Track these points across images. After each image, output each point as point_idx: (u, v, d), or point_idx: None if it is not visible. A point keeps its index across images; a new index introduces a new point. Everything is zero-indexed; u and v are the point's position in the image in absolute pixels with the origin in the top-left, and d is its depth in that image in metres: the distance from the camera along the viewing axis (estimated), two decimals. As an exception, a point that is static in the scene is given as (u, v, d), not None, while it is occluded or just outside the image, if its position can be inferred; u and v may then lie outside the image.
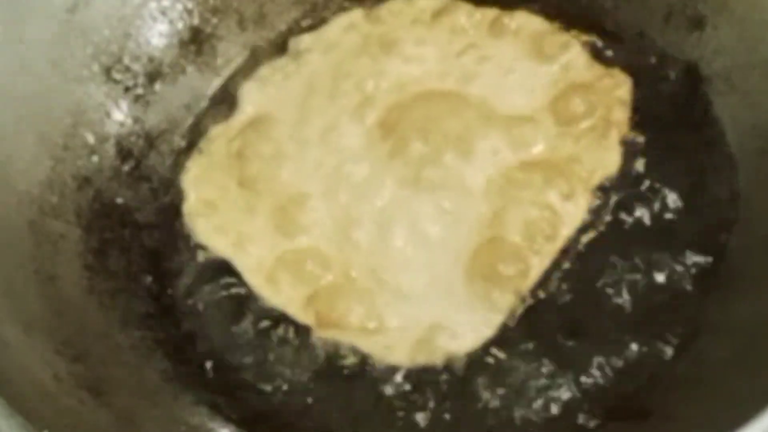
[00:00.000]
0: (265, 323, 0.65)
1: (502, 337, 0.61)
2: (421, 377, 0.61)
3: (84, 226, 0.66)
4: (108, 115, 0.71)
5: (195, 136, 0.73)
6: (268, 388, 0.62)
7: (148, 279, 0.67)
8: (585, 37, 0.72)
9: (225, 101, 0.75)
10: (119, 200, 0.69)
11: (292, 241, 0.67)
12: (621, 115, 0.68)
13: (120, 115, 0.71)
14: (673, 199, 0.64)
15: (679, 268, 0.62)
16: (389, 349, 0.63)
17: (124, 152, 0.70)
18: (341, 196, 0.68)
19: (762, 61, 0.65)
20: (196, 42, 0.75)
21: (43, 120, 0.67)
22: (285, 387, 0.62)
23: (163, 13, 0.73)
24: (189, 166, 0.72)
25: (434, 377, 0.61)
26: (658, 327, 0.61)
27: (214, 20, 0.75)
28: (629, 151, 0.67)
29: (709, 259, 0.62)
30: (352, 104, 0.71)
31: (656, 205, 0.64)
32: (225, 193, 0.70)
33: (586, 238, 0.64)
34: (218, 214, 0.69)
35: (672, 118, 0.68)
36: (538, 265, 0.63)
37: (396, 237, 0.66)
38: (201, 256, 0.68)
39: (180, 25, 0.74)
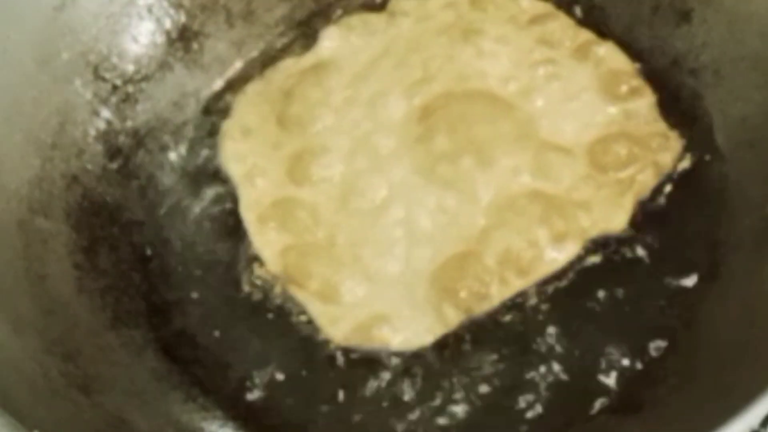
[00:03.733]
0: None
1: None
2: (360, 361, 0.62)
3: (73, 224, 0.66)
4: (96, 113, 0.70)
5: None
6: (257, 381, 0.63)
7: (138, 277, 0.67)
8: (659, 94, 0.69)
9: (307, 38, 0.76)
10: (108, 198, 0.69)
11: (296, 188, 0.68)
12: (650, 178, 0.66)
13: (108, 113, 0.71)
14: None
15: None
16: (332, 321, 0.63)
17: (112, 150, 0.70)
18: (359, 162, 0.68)
19: (750, 53, 0.65)
20: (183, 39, 0.74)
21: (31, 119, 0.67)
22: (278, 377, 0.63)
23: (150, 11, 0.73)
24: (247, 89, 0.74)
25: (373, 367, 0.62)
26: (648, 322, 0.61)
27: (202, 17, 0.75)
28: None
29: (699, 253, 0.62)
30: (411, 79, 0.71)
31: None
32: (262, 125, 0.71)
33: (554, 287, 0.63)
34: (247, 142, 0.71)
35: (660, 112, 0.68)
36: (498, 295, 0.62)
37: (389, 218, 0.66)
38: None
39: (167, 23, 0.74)
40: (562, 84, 0.69)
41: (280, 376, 0.62)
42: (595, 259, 0.64)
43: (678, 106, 0.68)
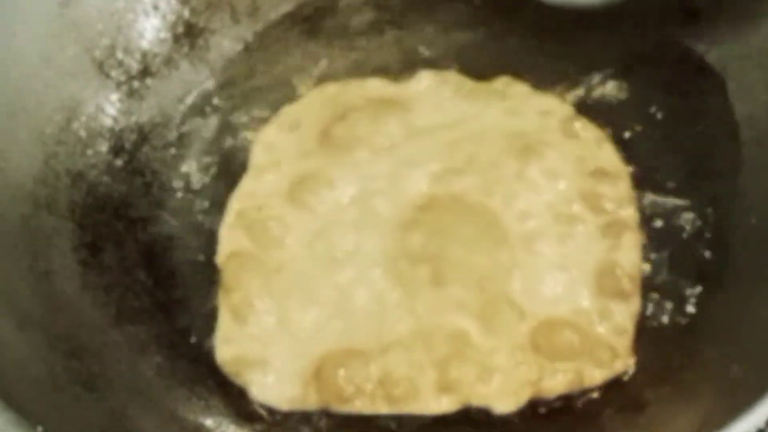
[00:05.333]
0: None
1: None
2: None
3: (78, 220, 0.66)
4: (101, 109, 0.70)
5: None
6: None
7: (143, 274, 0.67)
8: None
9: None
10: (113, 195, 0.69)
11: (286, 204, 0.68)
12: (560, 387, 0.60)
13: (113, 109, 0.71)
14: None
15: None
16: (226, 340, 0.63)
17: (117, 146, 0.70)
18: (349, 212, 0.67)
19: (757, 51, 0.65)
20: (189, 36, 0.74)
21: (36, 115, 0.67)
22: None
23: (156, 7, 0.73)
24: (327, 87, 0.74)
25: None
26: (652, 320, 0.61)
27: (207, 14, 0.75)
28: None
29: (706, 252, 0.62)
30: (447, 165, 0.68)
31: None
32: (311, 127, 0.71)
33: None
34: (287, 136, 0.71)
35: (667, 110, 0.68)
36: (359, 406, 0.60)
37: (335, 279, 0.65)
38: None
39: (172, 19, 0.74)
40: (567, 249, 0.65)
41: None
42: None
43: (685, 104, 0.68)
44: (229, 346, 0.63)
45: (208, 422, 0.61)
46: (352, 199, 0.68)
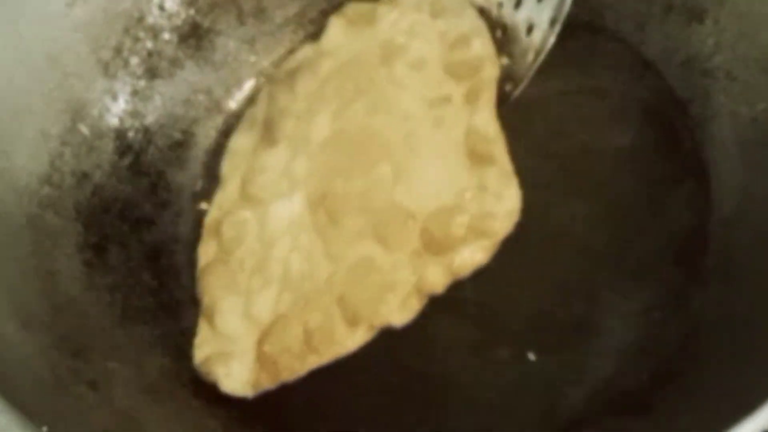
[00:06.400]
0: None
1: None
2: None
3: (83, 221, 0.66)
4: (107, 110, 0.70)
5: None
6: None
7: (147, 274, 0.67)
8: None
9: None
10: (118, 195, 0.69)
11: (242, 203, 0.68)
12: (441, 278, 0.61)
13: (118, 110, 0.71)
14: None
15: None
16: (201, 343, 0.63)
17: (122, 147, 0.70)
18: (281, 185, 0.67)
19: (762, 54, 0.64)
20: (194, 36, 0.74)
21: (42, 115, 0.67)
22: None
23: (162, 8, 0.73)
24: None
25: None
26: (657, 322, 0.61)
27: (213, 15, 0.75)
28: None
29: (707, 253, 0.62)
30: (342, 100, 0.68)
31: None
32: (259, 123, 0.71)
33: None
34: (248, 137, 0.71)
35: (671, 112, 0.68)
36: (298, 368, 0.61)
37: (278, 252, 0.64)
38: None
39: (178, 20, 0.74)
40: (442, 134, 0.65)
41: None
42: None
43: (689, 106, 0.68)
44: (201, 348, 0.63)
45: (213, 422, 0.61)
46: (281, 172, 0.67)
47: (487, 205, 0.62)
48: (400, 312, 0.61)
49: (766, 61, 0.64)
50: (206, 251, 0.67)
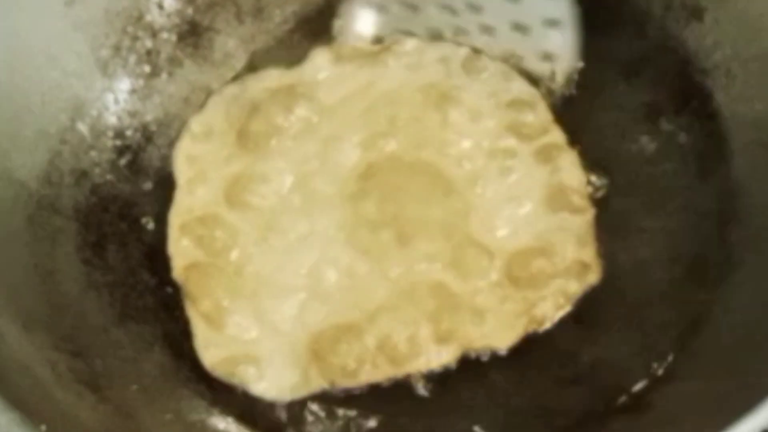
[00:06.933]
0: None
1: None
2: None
3: (82, 220, 0.66)
4: (105, 108, 0.70)
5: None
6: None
7: (146, 273, 0.67)
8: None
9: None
10: (117, 194, 0.69)
11: (227, 209, 0.68)
12: (551, 312, 0.63)
13: (117, 108, 0.71)
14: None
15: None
16: (207, 345, 0.63)
17: (121, 146, 0.70)
18: (293, 199, 0.68)
19: (762, 53, 0.65)
20: (193, 35, 0.74)
21: (41, 114, 0.66)
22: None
23: (161, 6, 0.73)
24: (225, 90, 0.73)
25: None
26: (657, 322, 0.61)
27: (212, 13, 0.75)
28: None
29: (708, 253, 0.62)
30: (372, 131, 0.69)
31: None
32: (225, 131, 0.71)
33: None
34: (205, 145, 0.70)
35: (671, 112, 0.68)
36: (365, 377, 0.61)
37: (298, 263, 0.65)
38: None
39: (177, 19, 0.74)
40: (512, 181, 0.67)
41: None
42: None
43: (689, 105, 0.68)
44: (214, 350, 0.63)
45: (212, 421, 0.61)
46: (291, 186, 0.68)
47: (570, 252, 0.64)
48: (503, 334, 0.62)
49: (766, 60, 0.64)
50: (183, 251, 0.67)
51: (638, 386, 0.59)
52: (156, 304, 0.66)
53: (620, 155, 0.68)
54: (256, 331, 0.63)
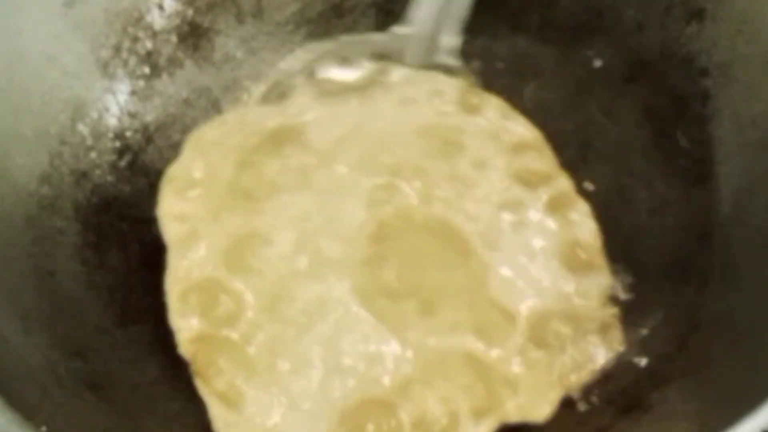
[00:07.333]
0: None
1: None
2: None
3: (82, 220, 0.66)
4: (106, 109, 0.70)
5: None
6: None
7: (147, 274, 0.67)
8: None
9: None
10: (117, 195, 0.69)
11: (228, 274, 0.64)
12: (582, 376, 0.61)
13: (118, 109, 0.71)
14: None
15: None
16: (228, 426, 0.60)
17: (121, 147, 0.70)
18: (299, 262, 0.64)
19: (762, 53, 0.65)
20: (193, 36, 0.74)
21: (41, 115, 0.66)
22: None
23: (161, 7, 0.73)
24: (202, 133, 0.70)
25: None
26: (657, 322, 0.61)
27: (212, 14, 0.75)
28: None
29: (709, 254, 0.62)
30: (375, 182, 0.67)
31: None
32: (212, 181, 0.68)
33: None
34: (190, 199, 0.67)
35: (671, 112, 0.68)
36: None
37: (313, 334, 0.62)
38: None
39: (177, 20, 0.74)
40: (525, 237, 0.65)
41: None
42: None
43: (689, 106, 0.68)
44: (233, 430, 0.60)
45: (212, 422, 0.61)
46: (293, 246, 0.65)
47: (592, 313, 0.63)
48: (539, 405, 0.60)
49: (766, 60, 0.64)
50: (187, 324, 0.63)
51: (637, 387, 0.59)
52: (156, 305, 0.66)
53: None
54: (276, 410, 0.60)
